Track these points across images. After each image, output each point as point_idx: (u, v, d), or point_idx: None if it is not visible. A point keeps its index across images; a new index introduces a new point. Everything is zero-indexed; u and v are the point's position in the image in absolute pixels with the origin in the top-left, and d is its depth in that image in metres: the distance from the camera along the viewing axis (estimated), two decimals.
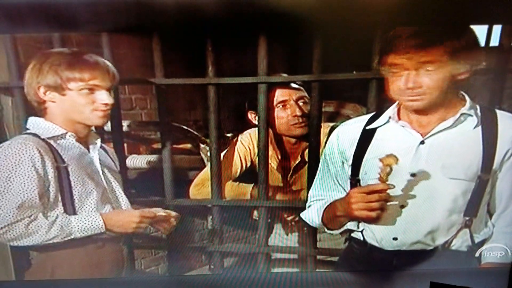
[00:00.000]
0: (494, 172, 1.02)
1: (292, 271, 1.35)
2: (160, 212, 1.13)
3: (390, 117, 1.06)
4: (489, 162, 1.00)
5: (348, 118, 1.29)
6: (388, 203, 1.05)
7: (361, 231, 1.12)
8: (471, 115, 1.00)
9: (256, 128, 1.23)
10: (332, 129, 1.24)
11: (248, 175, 1.31)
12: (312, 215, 1.17)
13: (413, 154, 1.03)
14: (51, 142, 1.02)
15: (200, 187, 1.30)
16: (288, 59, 1.29)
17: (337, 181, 1.14)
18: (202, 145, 1.36)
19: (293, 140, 1.28)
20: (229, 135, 1.32)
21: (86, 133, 1.08)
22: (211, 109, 1.20)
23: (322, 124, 1.21)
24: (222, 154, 1.28)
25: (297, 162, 1.29)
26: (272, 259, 1.35)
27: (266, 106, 1.19)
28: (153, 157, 1.34)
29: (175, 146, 1.29)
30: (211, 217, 1.33)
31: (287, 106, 1.23)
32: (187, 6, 1.00)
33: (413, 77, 0.96)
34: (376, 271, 1.16)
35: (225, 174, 1.29)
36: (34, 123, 1.04)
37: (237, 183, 1.31)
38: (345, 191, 1.12)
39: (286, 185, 1.31)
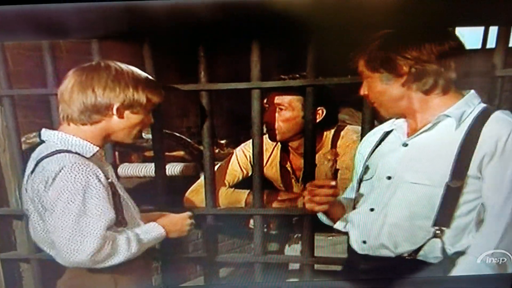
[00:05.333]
0: (476, 179, 0.94)
1: (290, 281, 1.33)
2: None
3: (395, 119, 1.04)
4: (462, 168, 0.93)
5: (344, 122, 1.29)
6: (358, 207, 1.07)
7: (346, 233, 1.11)
8: (450, 117, 0.94)
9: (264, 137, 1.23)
10: (336, 133, 1.25)
11: (244, 182, 1.30)
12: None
13: (393, 157, 1.01)
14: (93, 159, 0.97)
15: (195, 193, 1.29)
16: (282, 64, 1.28)
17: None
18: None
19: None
20: (222, 141, 1.31)
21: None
22: (204, 116, 1.19)
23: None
24: (223, 162, 1.28)
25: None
26: (270, 269, 1.32)
27: (260, 111, 1.18)
28: (145, 166, 1.32)
29: (167, 153, 1.28)
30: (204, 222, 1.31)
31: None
32: (178, 12, 1.00)
33: None
34: (374, 279, 1.13)
35: (220, 181, 1.28)
36: (67, 142, 0.95)
37: (232, 189, 1.30)
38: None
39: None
